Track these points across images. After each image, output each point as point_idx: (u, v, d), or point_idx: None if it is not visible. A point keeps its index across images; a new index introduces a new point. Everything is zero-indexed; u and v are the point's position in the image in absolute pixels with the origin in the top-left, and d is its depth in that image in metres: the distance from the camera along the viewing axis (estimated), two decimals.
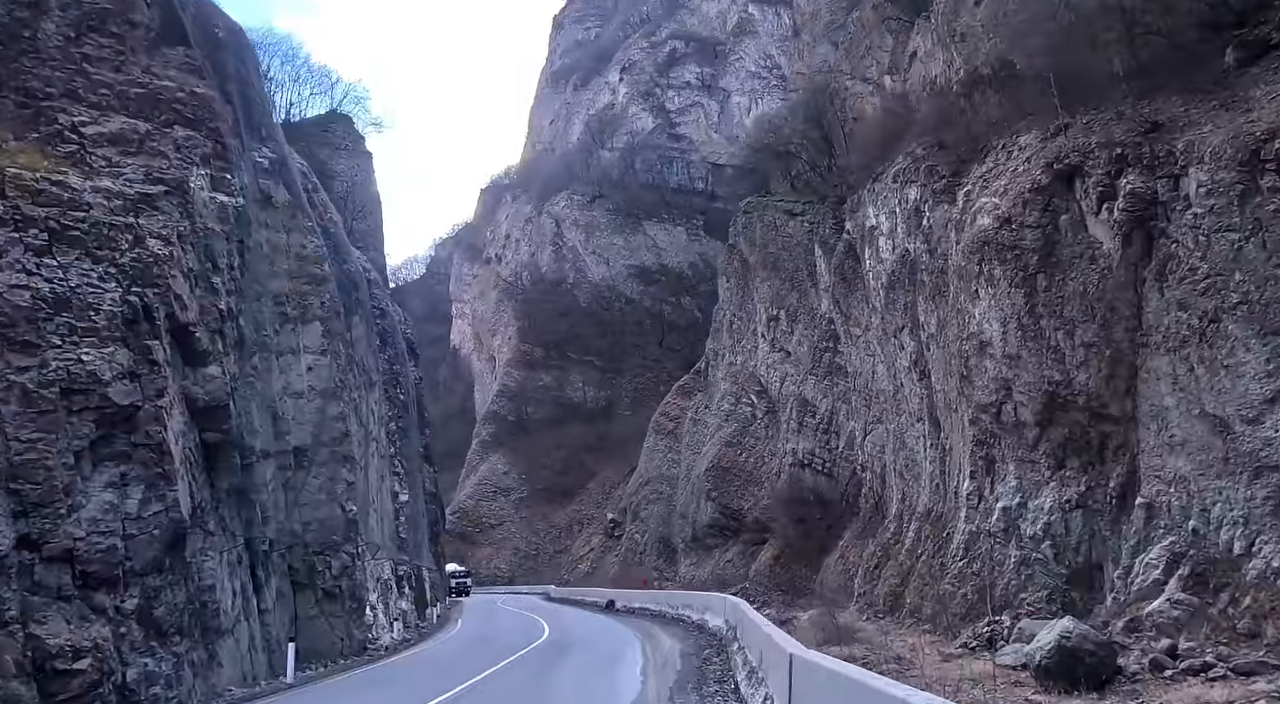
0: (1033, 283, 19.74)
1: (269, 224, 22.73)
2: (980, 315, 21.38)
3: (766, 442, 51.82)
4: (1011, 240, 20.20)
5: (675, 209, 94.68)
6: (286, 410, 21.12)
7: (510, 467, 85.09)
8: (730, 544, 51.65)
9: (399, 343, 28.54)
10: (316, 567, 20.48)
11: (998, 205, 20.92)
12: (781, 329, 52.10)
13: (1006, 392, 20.66)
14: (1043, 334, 19.52)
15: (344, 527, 20.90)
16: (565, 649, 25.04)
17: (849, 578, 37.41)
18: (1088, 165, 18.54)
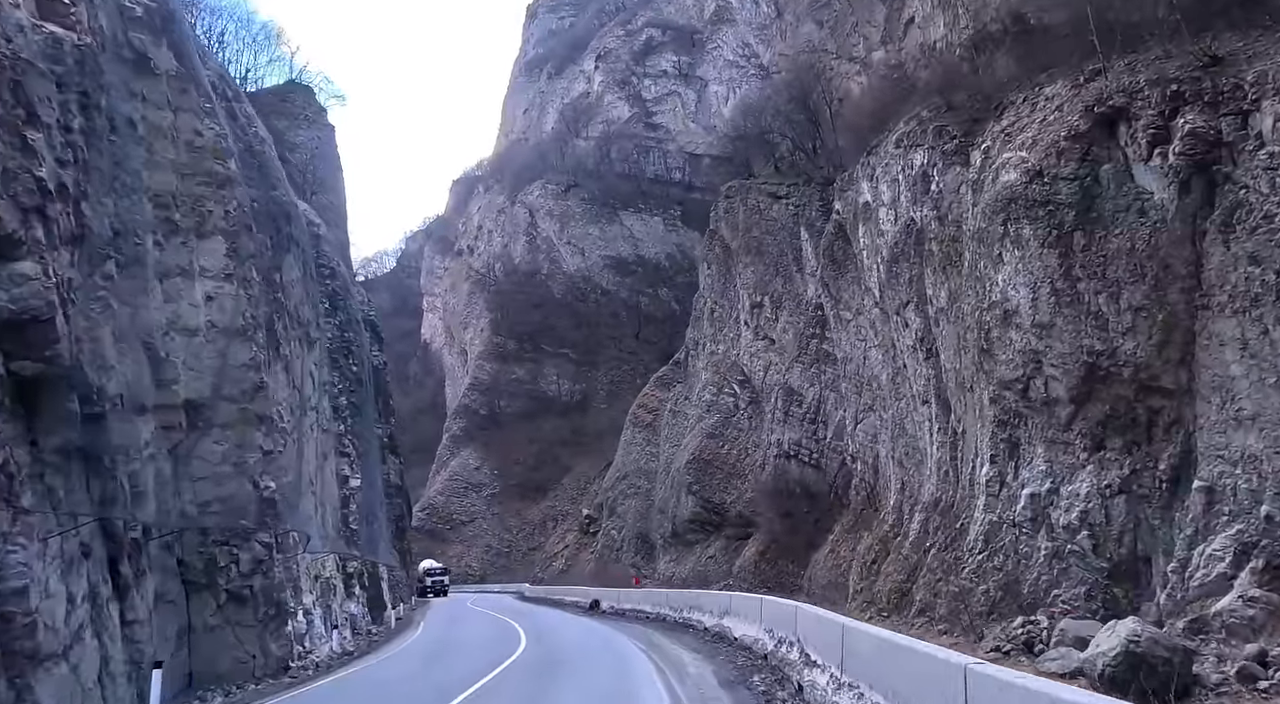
0: (1068, 242, 17.52)
1: (145, 96, 17.26)
2: (1004, 282, 19.15)
3: (750, 433, 49.56)
4: (1043, 195, 17.97)
5: (652, 199, 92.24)
6: (174, 351, 16.14)
7: (482, 462, 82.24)
8: (712, 540, 49.33)
9: (352, 309, 24.98)
10: (218, 561, 15.58)
11: (1025, 159, 18.69)
12: (766, 316, 49.87)
13: (1036, 365, 18.44)
14: (1080, 299, 17.31)
15: (257, 508, 16.27)
16: (551, 670, 18.97)
17: (841, 574, 35.20)
18: (1135, 107, 16.35)
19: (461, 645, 23.64)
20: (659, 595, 36.23)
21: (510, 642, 24.24)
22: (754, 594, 26.65)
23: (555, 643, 24.59)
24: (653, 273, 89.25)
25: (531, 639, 24.80)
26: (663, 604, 34.56)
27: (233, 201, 17.02)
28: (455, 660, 20.67)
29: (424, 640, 25.09)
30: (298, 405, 15.74)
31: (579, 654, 21.70)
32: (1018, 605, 18.60)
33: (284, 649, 17.24)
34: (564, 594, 49.52)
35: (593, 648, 23.63)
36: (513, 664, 19.27)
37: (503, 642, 24.23)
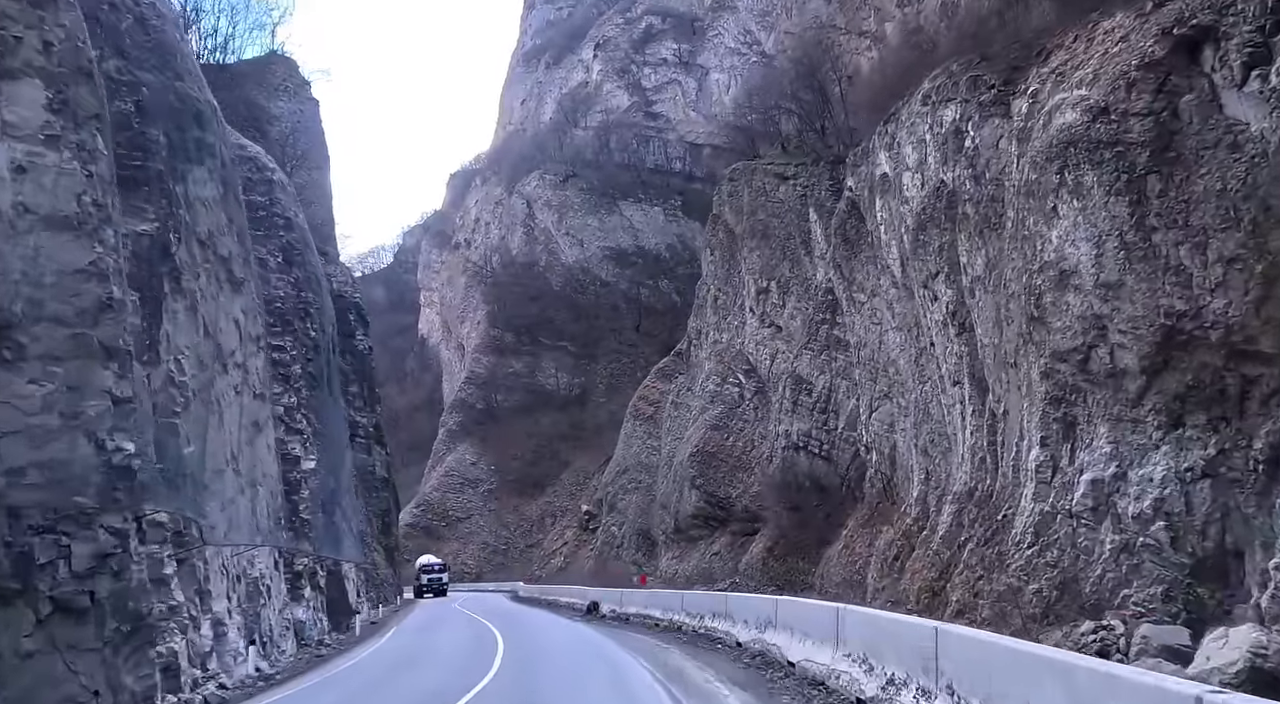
0: (1141, 187, 15.06)
1: None
2: (1060, 239, 16.68)
3: (756, 424, 47.10)
4: (1109, 136, 15.50)
5: (652, 189, 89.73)
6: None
7: (479, 457, 79.76)
8: (717, 535, 46.87)
9: (312, 267, 21.93)
10: (36, 556, 10.48)
11: (1085, 97, 16.21)
12: (772, 302, 47.41)
13: (1099, 332, 15.97)
14: (1156, 252, 14.84)
15: (103, 480, 11.27)
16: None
17: (857, 571, 32.77)
18: (1225, 24, 13.86)
19: (418, 666, 18.35)
20: (670, 598, 29.31)
21: (484, 656, 18.78)
22: (824, 601, 20.63)
23: (540, 665, 18.69)
24: (653, 264, 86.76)
25: (510, 658, 18.97)
26: (675, 608, 27.27)
27: (57, 31, 11.18)
28: (411, 683, 16.42)
29: (379, 656, 20.00)
30: (212, 357, 12.10)
31: (569, 685, 15.94)
32: (1078, 607, 16.15)
33: (147, 681, 12.00)
34: (560, 594, 44.47)
35: (588, 669, 18.05)
36: (481, 694, 14.37)
37: (475, 658, 18.74)
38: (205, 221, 12.03)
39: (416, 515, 77.34)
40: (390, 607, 36.72)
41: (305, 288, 19.90)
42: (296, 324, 19.03)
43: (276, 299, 18.61)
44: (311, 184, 36.41)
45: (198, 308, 11.16)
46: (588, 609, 32.47)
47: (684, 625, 24.77)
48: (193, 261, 11.29)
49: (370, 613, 30.25)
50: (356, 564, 26.62)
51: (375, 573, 34.83)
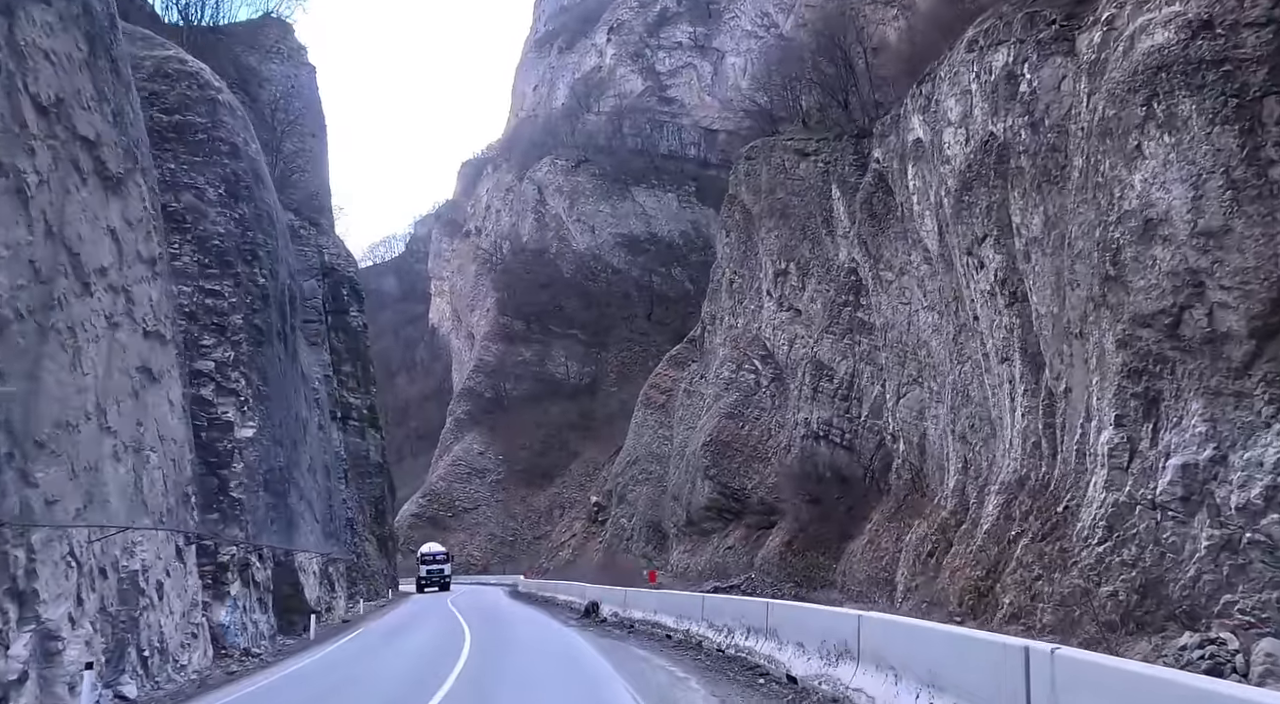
0: (1255, 112, 12.49)
1: None
2: (1146, 182, 14.11)
3: (773, 412, 44.61)
4: (1215, 53, 12.93)
5: (666, 175, 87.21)
6: None
7: (486, 446, 77.54)
8: (731, 528, 44.43)
9: (266, 205, 19.14)
10: None
11: (1182, 11, 13.62)
12: (791, 284, 44.86)
13: (1195, 289, 13.42)
14: (1274, 189, 12.26)
15: None
16: None
17: (884, 567, 30.28)
18: None
19: (338, 694, 12.97)
20: (687, 603, 21.61)
21: (421, 692, 12.27)
22: (1001, 636, 9.59)
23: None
24: (666, 251, 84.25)
25: (462, 689, 12.52)
26: (693, 616, 19.81)
27: None
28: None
29: (300, 676, 14.48)
30: (59, 268, 8.48)
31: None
32: (1165, 614, 13.63)
33: None
34: (558, 591, 38.71)
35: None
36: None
37: (410, 690, 12.77)
38: (49, 81, 9.07)
39: (423, 505, 75.26)
40: (378, 602, 33.46)
41: (254, 227, 17.24)
42: (240, 268, 16.32)
43: (215, 236, 16.00)
44: (304, 151, 34.13)
45: (27, 194, 8.31)
46: (585, 611, 26.12)
47: (705, 642, 17.77)
48: (19, 127, 8.38)
49: (347, 610, 27.20)
50: (327, 556, 23.73)
51: (365, 564, 32.46)
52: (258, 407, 16.42)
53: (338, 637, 21.47)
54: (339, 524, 27.15)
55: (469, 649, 16.85)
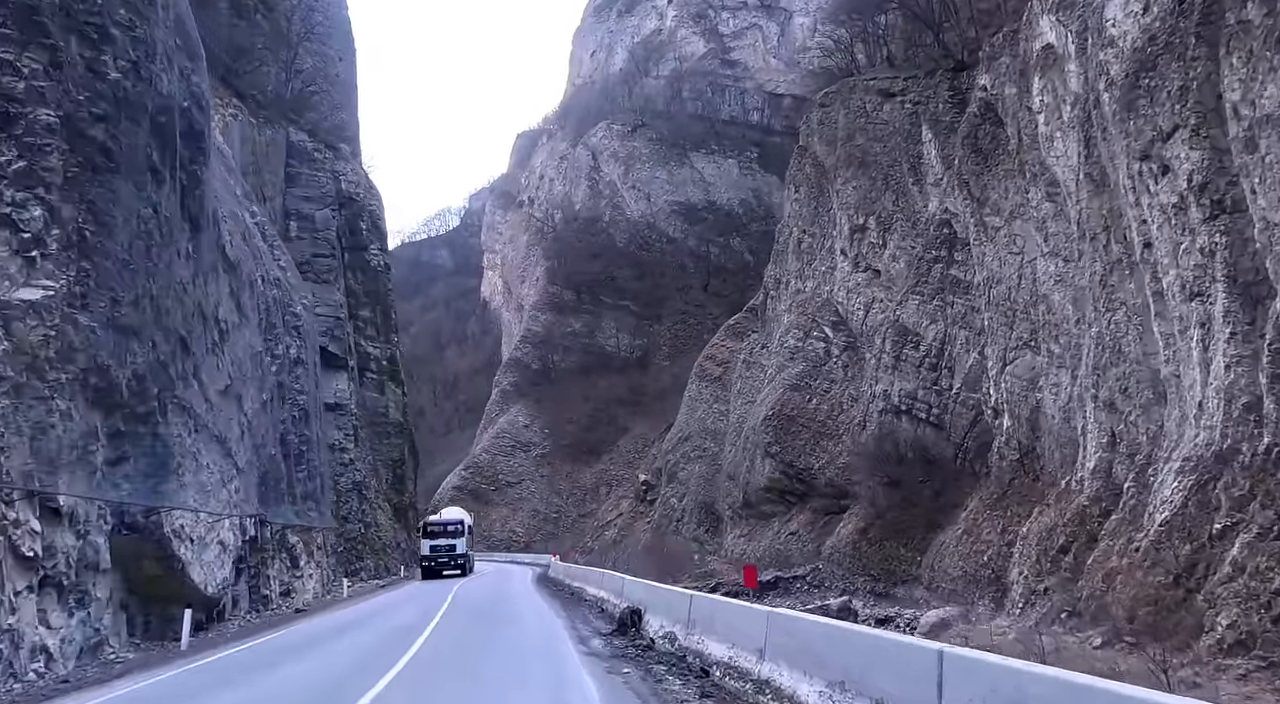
0: None
1: None
2: None
3: (845, 384, 39.34)
4: None
5: (726, 141, 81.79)
6: None
7: (532, 419, 73.41)
8: (794, 512, 39.37)
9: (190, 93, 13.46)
10: None
11: None
12: (869, 242, 39.43)
13: None
14: None
15: None
16: None
17: (986, 564, 25.02)
18: None
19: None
20: (863, 653, 7.85)
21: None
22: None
23: None
24: (724, 220, 78.93)
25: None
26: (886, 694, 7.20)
27: None
28: None
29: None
30: None
31: None
32: None
33: None
34: (590, 581, 25.40)
35: None
36: None
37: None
38: None
39: (465, 478, 71.56)
40: (378, 582, 28.81)
41: (159, 107, 12.02)
42: (64, 41, 10.84)
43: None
44: (326, 72, 29.84)
45: None
46: (621, 622, 15.84)
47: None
48: None
49: (326, 591, 21.83)
50: (258, 518, 18.50)
51: (374, 537, 28.18)
52: (71, 261, 11.13)
53: (234, 644, 14.45)
54: (320, 486, 22.47)
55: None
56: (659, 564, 35.91)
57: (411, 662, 11.51)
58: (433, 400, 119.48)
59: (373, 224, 34.12)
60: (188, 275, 14.83)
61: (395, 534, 32.35)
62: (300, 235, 27.50)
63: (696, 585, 36.83)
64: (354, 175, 31.32)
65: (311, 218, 27.62)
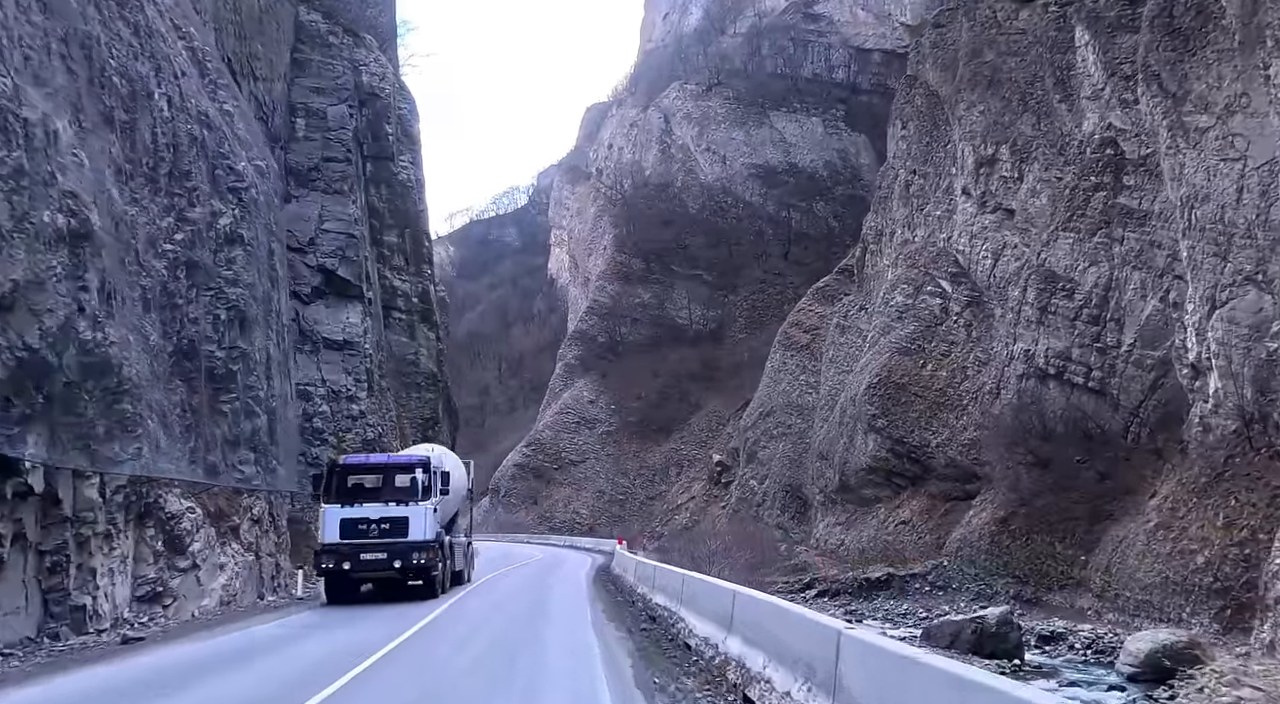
0: None
1: None
2: None
3: (968, 346, 32.50)
4: None
5: (810, 98, 74.56)
6: None
7: (598, 395, 67.87)
8: (904, 497, 32.76)
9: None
10: None
11: None
12: (1001, 176, 32.43)
13: None
14: None
15: None
16: None
17: (1205, 569, 18.22)
18: None
19: None
20: None
21: None
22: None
23: None
24: (807, 183, 71.89)
25: None
26: None
27: None
28: None
29: None
30: None
31: None
32: None
33: None
34: (684, 598, 13.56)
35: None
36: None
37: None
38: None
39: (527, 455, 66.53)
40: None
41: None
42: None
43: None
44: None
45: None
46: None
47: None
48: None
49: (197, 603, 12.72)
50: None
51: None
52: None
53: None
54: (270, 429, 16.08)
55: None
56: (749, 559, 29.77)
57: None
58: (498, 378, 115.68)
59: (403, 131, 28.56)
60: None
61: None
62: (309, 135, 22.10)
63: (788, 581, 30.64)
64: (378, 68, 25.71)
65: (322, 114, 22.34)
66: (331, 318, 21.09)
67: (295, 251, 20.70)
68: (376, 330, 23.45)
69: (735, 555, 28.86)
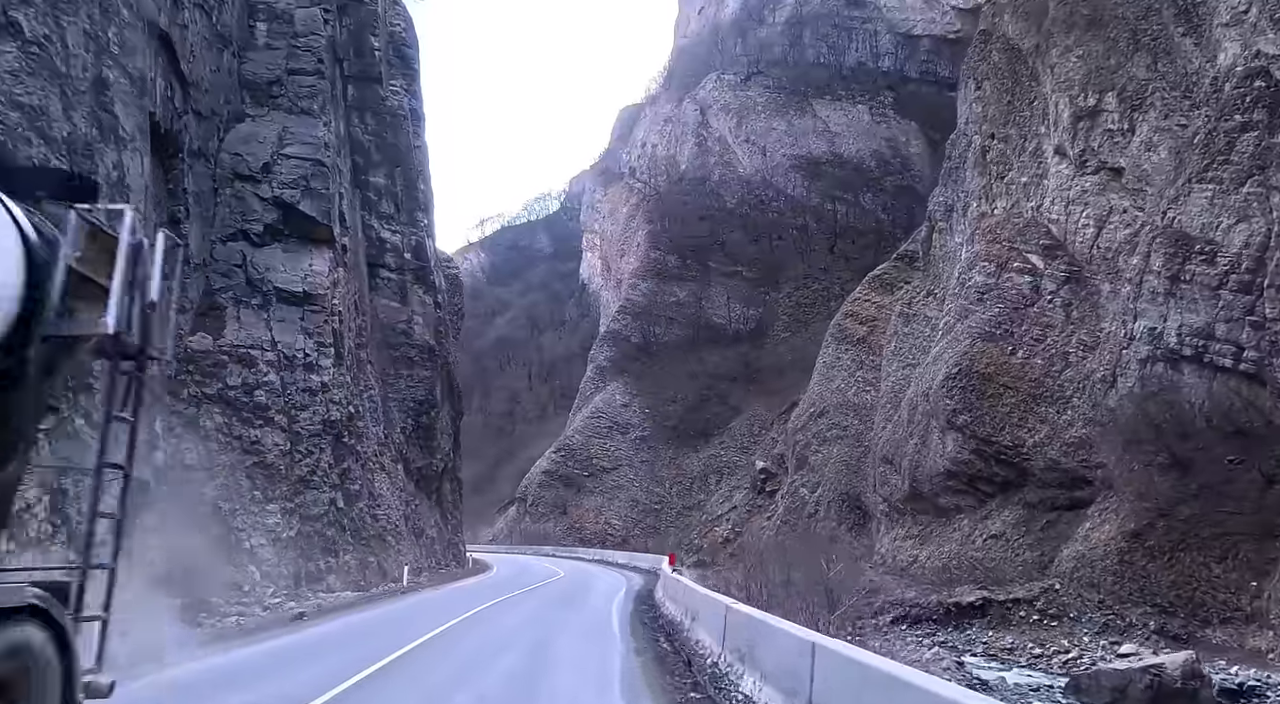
0: None
1: None
2: None
3: (1069, 328, 27.28)
4: None
5: (855, 85, 69.61)
6: None
7: (631, 398, 63.08)
8: (994, 506, 27.49)
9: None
10: None
11: None
12: (1106, 129, 27.26)
13: None
14: None
15: None
16: None
17: None
18: None
19: None
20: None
21: None
22: None
23: None
24: (853, 174, 66.84)
25: None
26: None
27: None
28: None
29: None
30: None
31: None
32: None
33: None
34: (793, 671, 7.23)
35: None
36: None
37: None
38: None
39: (556, 462, 61.87)
40: (359, 594, 16.02)
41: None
42: None
43: None
44: None
45: None
46: None
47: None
48: None
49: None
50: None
51: (363, 517, 17.41)
52: None
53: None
54: None
55: None
56: (808, 581, 24.71)
57: None
58: (528, 385, 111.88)
59: (396, 51, 24.03)
60: None
61: (409, 513, 21.31)
62: (270, 42, 17.61)
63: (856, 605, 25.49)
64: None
65: (288, 17, 17.93)
66: (290, 264, 16.52)
67: (244, 180, 16.30)
68: (354, 287, 18.83)
69: (781, 565, 23.83)
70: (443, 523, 26.08)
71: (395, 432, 21.39)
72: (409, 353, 23.08)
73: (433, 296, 24.54)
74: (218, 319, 15.28)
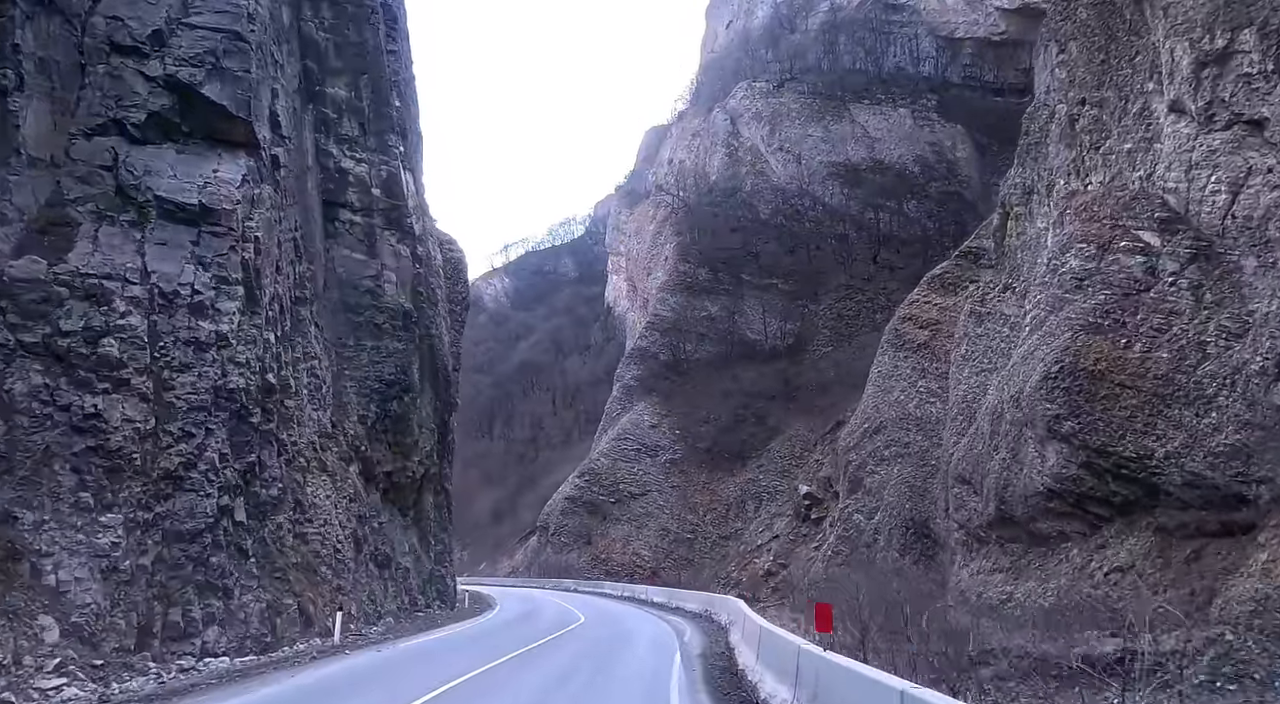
0: None
1: None
2: None
3: (1202, 312, 22.17)
4: None
5: (895, 87, 65.22)
6: None
7: (660, 419, 58.23)
8: (1113, 532, 22.21)
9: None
10: None
11: None
12: (1240, 74, 22.35)
13: None
14: None
15: None
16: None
17: None
18: None
19: None
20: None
21: None
22: None
23: None
24: (895, 181, 62.20)
25: None
26: None
27: None
28: None
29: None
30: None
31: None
32: None
33: None
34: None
35: None
36: None
37: None
38: None
39: (580, 487, 57.01)
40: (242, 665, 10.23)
41: None
42: None
43: None
44: None
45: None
46: None
47: None
48: None
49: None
50: None
51: (278, 540, 11.73)
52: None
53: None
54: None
55: None
56: (883, 614, 19.67)
57: None
58: (552, 410, 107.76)
59: (383, 6, 19.48)
60: None
61: (365, 534, 15.54)
62: None
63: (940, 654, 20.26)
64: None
65: None
66: (183, 170, 11.72)
67: (124, 52, 11.82)
68: (291, 220, 13.92)
69: (887, 633, 18.72)
70: (422, 549, 20.32)
71: (350, 420, 16.20)
72: (375, 318, 17.72)
73: (410, 247, 19.09)
74: (63, 238, 10.81)
